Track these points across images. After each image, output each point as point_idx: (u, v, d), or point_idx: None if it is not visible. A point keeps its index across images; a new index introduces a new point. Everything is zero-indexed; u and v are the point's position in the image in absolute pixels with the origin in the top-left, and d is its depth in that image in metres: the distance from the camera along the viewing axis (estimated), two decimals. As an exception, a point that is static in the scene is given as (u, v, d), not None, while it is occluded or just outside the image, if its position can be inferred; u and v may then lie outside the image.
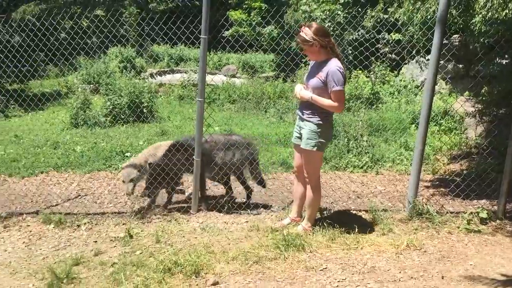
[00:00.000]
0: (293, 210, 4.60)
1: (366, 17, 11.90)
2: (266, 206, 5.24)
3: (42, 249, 4.23)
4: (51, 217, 4.75)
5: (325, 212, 4.81)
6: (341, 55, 4.21)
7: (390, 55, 12.04)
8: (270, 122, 10.28)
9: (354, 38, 12.07)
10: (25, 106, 10.67)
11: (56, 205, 5.43)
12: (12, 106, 11.46)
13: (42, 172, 6.65)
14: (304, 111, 4.15)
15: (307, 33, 3.98)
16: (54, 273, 3.57)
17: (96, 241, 4.34)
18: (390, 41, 12.35)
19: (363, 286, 3.38)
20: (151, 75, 16.55)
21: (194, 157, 4.79)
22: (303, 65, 11.62)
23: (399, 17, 9.29)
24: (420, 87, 11.32)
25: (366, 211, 4.89)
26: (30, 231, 4.61)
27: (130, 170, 5.18)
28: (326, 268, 3.64)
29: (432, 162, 6.83)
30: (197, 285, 3.44)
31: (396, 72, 12.11)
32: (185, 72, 15.76)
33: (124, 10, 19.63)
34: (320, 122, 4.08)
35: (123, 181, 5.18)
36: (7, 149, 7.79)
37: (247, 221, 4.69)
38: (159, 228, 4.50)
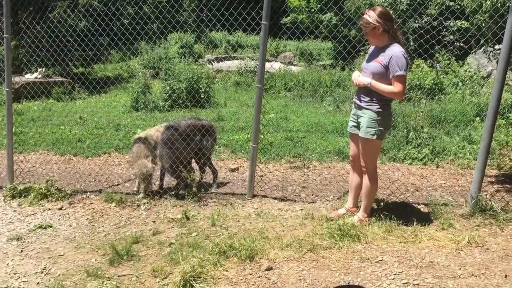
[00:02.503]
0: (348, 200, 4.54)
1: (431, 4, 11.45)
2: (321, 195, 5.21)
3: (104, 226, 4.42)
4: (113, 196, 4.95)
5: (381, 204, 4.71)
6: (404, 42, 4.08)
7: (456, 44, 11.52)
8: (327, 110, 10.17)
9: (418, 25, 11.65)
10: (90, 89, 11.12)
11: (118, 184, 5.65)
12: (78, 89, 11.98)
13: (104, 153, 6.93)
14: (362, 99, 4.07)
15: (370, 15, 3.90)
16: (115, 250, 3.72)
17: (154, 221, 4.49)
18: (456, 29, 11.83)
19: (420, 280, 3.29)
20: (209, 61, 16.75)
21: (251, 143, 4.82)
22: (362, 53, 11.36)
23: (466, 4, 8.88)
24: (486, 78, 10.79)
25: (425, 204, 4.75)
26: (93, 209, 4.83)
27: (145, 163, 5.04)
28: (382, 260, 3.58)
29: (497, 157, 6.51)
30: (251, 269, 3.48)
31: (461, 62, 11.59)
32: (242, 59, 15.83)
33: (184, -4, 19.93)
34: (380, 110, 3.98)
35: (136, 176, 5.13)
36: (72, 130, 8.18)
37: (301, 209, 4.68)
38: (214, 211, 4.59)
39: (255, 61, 14.64)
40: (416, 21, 12.06)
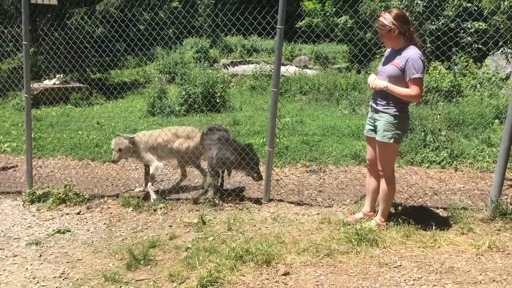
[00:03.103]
0: (366, 204, 4.49)
1: (447, 6, 11.33)
2: (337, 199, 5.17)
3: (121, 230, 4.44)
4: (130, 201, 4.98)
5: (399, 208, 4.66)
6: (420, 44, 4.04)
7: (474, 45, 11.37)
8: (342, 114, 10.11)
9: (435, 27, 11.53)
10: (107, 95, 11.23)
11: (134, 189, 5.67)
12: (95, 94, 12.11)
13: (121, 158, 6.96)
14: (379, 102, 4.03)
15: (386, 17, 3.87)
16: (132, 254, 3.74)
17: (171, 226, 4.50)
18: (474, 31, 11.68)
19: (440, 286, 3.23)
20: (224, 66, 16.81)
21: (267, 147, 4.81)
22: (378, 56, 11.28)
23: (484, 5, 8.76)
24: (505, 80, 10.61)
25: (444, 208, 4.68)
26: (111, 213, 4.86)
27: (121, 140, 5.20)
28: (400, 265, 3.53)
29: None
30: (268, 274, 3.46)
31: (479, 64, 11.43)
32: (257, 63, 15.85)
33: (199, 2, 20.04)
34: (397, 113, 3.94)
35: (112, 148, 5.24)
36: (90, 135, 8.26)
37: (318, 213, 4.65)
38: (231, 216, 4.58)
39: (270, 65, 14.65)
40: (433, 23, 11.94)
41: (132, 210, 4.89)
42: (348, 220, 4.34)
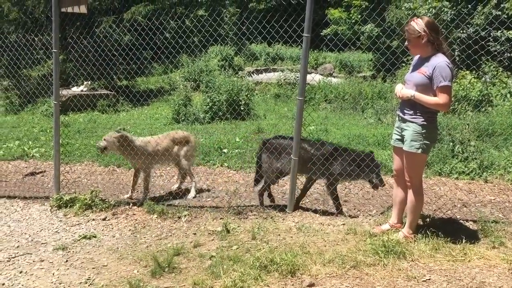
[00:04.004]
0: (393, 216, 4.40)
1: (476, 14, 11.13)
2: (363, 210, 5.08)
3: (146, 237, 4.46)
4: (155, 208, 5.00)
5: (427, 220, 4.55)
6: (450, 53, 3.96)
7: (506, 54, 11.13)
8: (368, 123, 10.00)
9: (464, 36, 11.34)
10: (133, 102, 11.38)
11: (159, 196, 5.71)
12: (122, 101, 12.28)
13: (146, 164, 7.01)
14: (406, 112, 3.95)
15: (418, 23, 3.81)
16: (157, 261, 3.74)
17: (195, 233, 4.49)
18: (505, 39, 11.43)
19: (471, 302, 3.14)
20: (249, 74, 16.85)
21: (292, 156, 4.78)
22: (405, 64, 11.14)
23: (515, 13, 8.55)
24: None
25: (474, 221, 4.55)
26: (136, 220, 4.89)
27: (113, 139, 5.31)
28: (429, 279, 3.43)
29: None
30: (292, 285, 3.41)
31: (509, 73, 11.17)
32: (282, 71, 15.85)
33: (225, 10, 20.20)
34: (425, 123, 3.86)
35: (104, 139, 5.36)
36: (116, 141, 8.34)
37: (343, 224, 4.57)
38: (255, 224, 4.55)
39: (295, 73, 14.62)
40: (463, 31, 11.75)
41: (156, 217, 4.91)
42: (374, 232, 4.26)
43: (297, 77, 4.35)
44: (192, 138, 5.77)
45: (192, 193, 5.70)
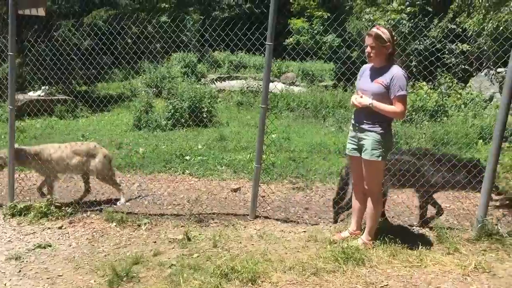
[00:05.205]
0: (352, 223, 4.47)
1: (433, 27, 11.53)
2: (324, 217, 5.14)
3: (104, 246, 4.36)
4: (114, 216, 4.89)
5: (386, 226, 4.64)
6: (399, 64, 4.07)
7: (460, 66, 11.58)
8: (329, 131, 10.16)
9: (421, 48, 11.72)
10: (93, 108, 11.13)
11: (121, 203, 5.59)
12: (81, 107, 11.99)
13: (106, 171, 6.88)
14: (364, 121, 4.01)
15: (384, 32, 3.88)
16: (115, 271, 3.66)
17: (155, 242, 4.42)
18: (460, 51, 11.89)
19: (426, 307, 3.21)
20: (212, 81, 16.82)
21: (254, 164, 4.79)
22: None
23: (468, 27, 8.92)
24: (488, 101, 10.79)
25: (430, 228, 4.68)
26: (94, 228, 4.76)
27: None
28: (387, 285, 3.50)
29: (502, 181, 6.44)
30: (253, 292, 3.41)
31: (464, 84, 11.63)
32: (245, 79, 15.90)
33: (188, 17, 20.11)
34: (383, 132, 3.95)
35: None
36: (74, 148, 8.14)
37: (304, 231, 4.61)
38: (216, 232, 4.52)
39: (258, 81, 14.71)
40: (420, 43, 12.14)
41: (115, 225, 4.80)
42: (334, 239, 4.32)
43: (260, 85, 4.41)
44: (99, 151, 5.58)
45: (122, 200, 5.64)
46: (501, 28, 6.97)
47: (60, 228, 4.75)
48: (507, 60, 4.17)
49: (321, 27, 17.47)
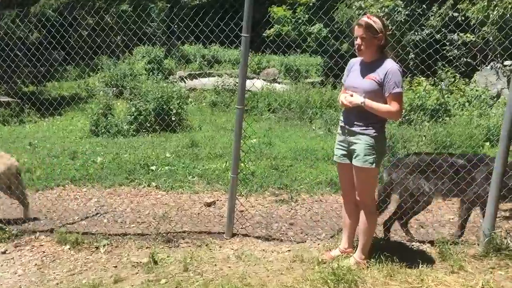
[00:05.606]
0: (343, 240, 4.50)
1: (432, 15, 11.73)
2: (311, 234, 5.17)
3: (56, 272, 4.30)
4: (67, 237, 4.83)
5: (381, 242, 4.69)
6: (393, 57, 4.11)
7: (462, 59, 11.78)
8: (316, 134, 10.22)
9: (419, 38, 11.89)
10: (42, 111, 10.99)
11: (73, 223, 5.52)
12: (28, 110, 11.84)
13: (58, 185, 6.80)
14: (355, 123, 4.02)
15: (376, 21, 3.90)
16: (68, 301, 3.61)
17: (116, 266, 4.39)
18: (461, 43, 12.11)
19: (428, 333, 3.25)
20: (181, 79, 16.79)
21: (230, 173, 4.78)
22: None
23: (472, 15, 9.09)
24: (496, 98, 11.00)
25: (432, 243, 4.74)
26: (43, 252, 4.70)
27: None
28: (383, 309, 3.53)
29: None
30: (230, 323, 3.40)
31: (468, 80, 11.83)
32: (220, 76, 15.91)
33: (152, 6, 20.06)
34: (376, 134, 3.97)
35: None
36: (20, 159, 8.01)
37: (289, 250, 4.63)
38: (187, 254, 4.51)
39: (234, 78, 14.74)
40: (417, 33, 12.32)
41: (69, 248, 4.75)
42: (323, 258, 4.34)
43: (237, 82, 4.45)
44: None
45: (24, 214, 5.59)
46: (508, 15, 7.11)
47: (3, 253, 4.69)
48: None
49: (306, 15, 17.59)
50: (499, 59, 10.09)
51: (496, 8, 8.18)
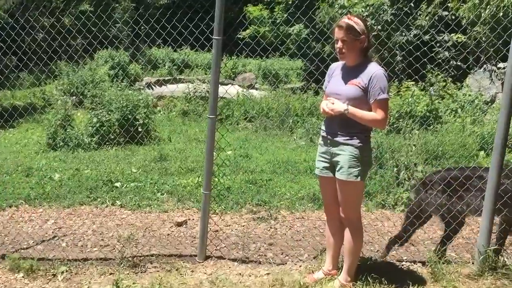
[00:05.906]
0: (327, 261, 4.52)
1: (420, 14, 11.91)
2: (292, 254, 5.17)
3: (8, 304, 4.23)
4: (21, 264, 4.75)
5: (368, 263, 4.72)
6: (378, 61, 4.16)
7: (452, 62, 11.97)
8: (298, 145, 10.27)
9: (406, 40, 12.06)
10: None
11: (27, 248, 5.44)
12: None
13: (10, 206, 6.69)
14: (338, 132, 4.04)
15: (357, 22, 3.93)
16: (22, 336, 3.56)
17: (75, 296, 4.34)
18: (451, 44, 12.31)
19: None
20: (149, 85, 16.75)
21: (202, 190, 4.77)
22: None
23: (463, 15, 9.27)
24: (490, 103, 11.19)
25: (423, 263, 4.79)
26: (-6, 281, 4.62)
27: None
28: (371, 337, 3.55)
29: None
30: None
31: (459, 84, 12.01)
32: (191, 82, 15.90)
33: (116, 5, 20.02)
34: (362, 144, 3.99)
35: None
36: (-32, 176, 7.92)
37: (268, 273, 4.63)
38: (155, 280, 4.47)
39: (207, 84, 14.75)
40: (404, 34, 12.49)
41: (23, 276, 4.67)
42: (305, 281, 4.35)
43: (209, 89, 4.47)
44: None
45: None
46: (500, 14, 7.26)
47: None
48: (506, 54, 4.34)
49: (284, 15, 17.72)
50: (492, 62, 10.28)
51: (488, 6, 8.34)
